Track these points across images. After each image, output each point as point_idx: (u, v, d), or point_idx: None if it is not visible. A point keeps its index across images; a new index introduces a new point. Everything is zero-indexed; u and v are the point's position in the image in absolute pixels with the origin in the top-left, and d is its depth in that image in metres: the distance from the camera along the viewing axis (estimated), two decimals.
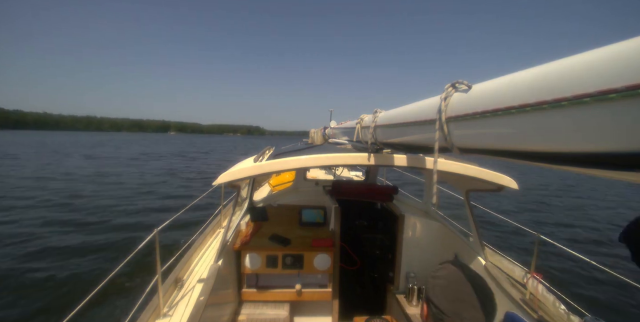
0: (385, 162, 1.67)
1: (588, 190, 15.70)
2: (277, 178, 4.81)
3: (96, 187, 12.04)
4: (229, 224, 2.21)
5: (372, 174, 4.15)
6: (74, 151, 31.03)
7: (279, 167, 1.81)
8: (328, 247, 2.38)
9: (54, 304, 4.30)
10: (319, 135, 4.24)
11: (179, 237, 4.99)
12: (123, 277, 4.40)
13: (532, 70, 0.55)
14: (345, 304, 2.61)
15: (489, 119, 0.63)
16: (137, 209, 9.06)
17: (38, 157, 23.79)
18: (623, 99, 0.37)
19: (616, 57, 0.39)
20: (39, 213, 8.39)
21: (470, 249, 2.25)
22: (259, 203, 3.22)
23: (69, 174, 15.13)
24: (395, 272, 2.58)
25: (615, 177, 0.50)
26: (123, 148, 39.61)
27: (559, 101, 0.45)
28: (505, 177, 1.76)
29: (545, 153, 0.54)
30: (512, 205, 11.05)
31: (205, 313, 1.56)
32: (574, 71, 0.45)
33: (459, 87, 0.79)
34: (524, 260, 2.22)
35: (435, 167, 0.88)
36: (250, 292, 2.37)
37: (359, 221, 3.14)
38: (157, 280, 1.63)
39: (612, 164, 0.44)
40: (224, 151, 42.58)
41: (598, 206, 12.04)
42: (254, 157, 2.07)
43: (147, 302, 1.64)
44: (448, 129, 0.80)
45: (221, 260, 2.01)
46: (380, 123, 1.44)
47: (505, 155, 0.67)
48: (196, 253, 2.34)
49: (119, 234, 6.86)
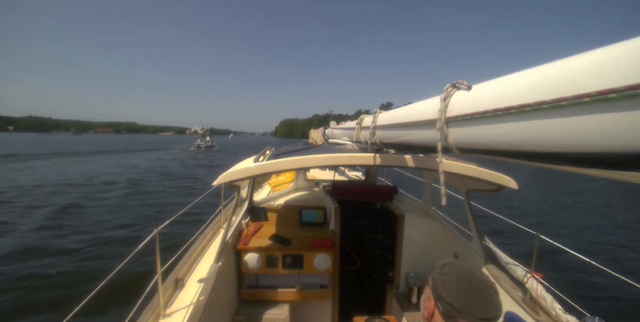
0: (385, 163, 1.67)
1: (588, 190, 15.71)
2: (277, 178, 4.80)
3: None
4: (229, 224, 2.21)
5: (372, 174, 4.14)
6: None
7: (279, 167, 1.80)
8: (328, 247, 2.38)
9: (54, 304, 4.30)
10: (319, 135, 4.23)
11: (179, 238, 4.99)
12: (123, 277, 4.40)
13: (532, 71, 0.55)
14: (345, 304, 2.61)
15: (489, 119, 0.63)
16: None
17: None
18: (623, 99, 0.37)
19: (616, 57, 0.39)
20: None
21: (470, 249, 2.25)
22: (259, 203, 3.21)
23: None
24: (395, 272, 2.58)
25: (615, 177, 0.50)
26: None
27: (559, 101, 0.45)
28: (505, 177, 1.76)
29: (545, 153, 0.54)
30: (513, 205, 11.05)
31: (205, 313, 1.56)
32: (574, 71, 0.45)
33: (459, 87, 0.79)
34: (524, 260, 2.21)
35: (440, 168, 0.88)
36: (250, 292, 2.37)
37: (359, 221, 3.14)
38: (157, 280, 1.62)
39: (612, 164, 0.44)
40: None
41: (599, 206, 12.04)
42: (254, 157, 2.07)
43: (147, 302, 1.63)
44: (448, 129, 0.79)
45: (221, 260, 2.01)
46: (380, 123, 1.44)
47: (505, 155, 0.67)
48: (196, 253, 2.34)
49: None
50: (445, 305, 0.79)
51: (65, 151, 36.40)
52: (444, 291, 0.81)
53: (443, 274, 0.84)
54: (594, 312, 1.61)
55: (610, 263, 5.31)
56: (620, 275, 1.70)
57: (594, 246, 7.33)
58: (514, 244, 6.53)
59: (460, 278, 0.81)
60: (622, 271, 1.75)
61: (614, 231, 8.92)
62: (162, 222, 1.78)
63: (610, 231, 8.77)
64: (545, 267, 5.44)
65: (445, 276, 0.83)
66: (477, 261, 2.14)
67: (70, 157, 27.78)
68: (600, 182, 17.06)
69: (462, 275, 0.82)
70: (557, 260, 5.62)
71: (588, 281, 5.35)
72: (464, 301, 0.77)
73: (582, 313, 1.64)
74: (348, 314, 2.05)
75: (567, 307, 1.71)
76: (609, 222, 9.68)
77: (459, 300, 0.77)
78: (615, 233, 8.70)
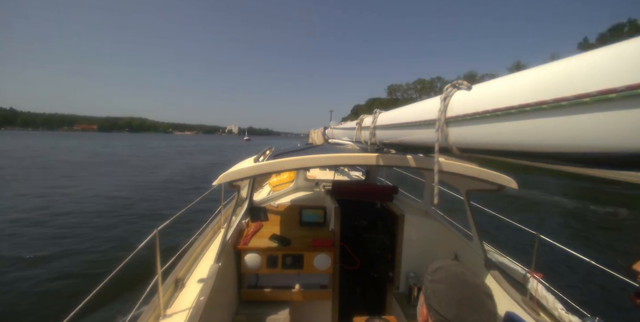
0: (385, 162, 1.67)
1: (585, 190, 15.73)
2: (277, 178, 4.81)
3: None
4: (229, 224, 2.21)
5: (372, 174, 4.15)
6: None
7: (279, 167, 1.80)
8: (328, 247, 2.38)
9: (54, 305, 4.30)
10: (319, 135, 4.24)
11: (179, 237, 4.98)
12: (123, 277, 4.40)
13: (532, 71, 0.55)
14: (345, 304, 2.61)
15: (489, 119, 0.63)
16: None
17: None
18: (623, 99, 0.37)
19: (616, 57, 0.39)
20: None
21: (470, 249, 2.25)
22: (259, 203, 3.22)
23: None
24: (395, 272, 2.58)
25: (616, 177, 0.50)
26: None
27: (559, 101, 0.45)
28: (505, 177, 1.75)
29: (545, 153, 0.54)
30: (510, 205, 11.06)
31: (205, 313, 1.56)
32: (574, 71, 0.45)
33: (459, 87, 0.79)
34: (524, 260, 2.21)
35: (436, 168, 0.88)
36: (250, 292, 2.37)
37: (359, 221, 3.14)
38: (157, 280, 1.63)
39: (612, 164, 0.44)
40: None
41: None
42: (254, 157, 2.07)
43: (147, 302, 1.63)
44: (448, 129, 0.80)
45: (221, 260, 2.01)
46: (380, 123, 1.44)
47: (505, 155, 0.67)
48: (196, 253, 2.34)
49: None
50: (436, 314, 0.78)
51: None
52: (434, 300, 0.80)
53: (434, 281, 0.83)
54: (594, 312, 1.61)
55: (611, 263, 5.31)
56: (620, 275, 1.70)
57: (594, 246, 7.35)
58: (514, 244, 6.53)
59: (450, 286, 0.80)
60: (622, 271, 1.75)
61: (614, 231, 8.94)
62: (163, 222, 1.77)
63: (610, 232, 8.78)
64: (545, 267, 5.43)
65: (436, 283, 0.82)
66: (477, 261, 2.14)
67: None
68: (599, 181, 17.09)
69: (452, 283, 0.80)
70: (557, 260, 5.62)
71: (588, 281, 5.35)
72: (455, 311, 0.76)
73: (583, 313, 1.64)
74: (348, 314, 2.05)
75: (567, 307, 1.71)
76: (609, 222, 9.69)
77: (449, 310, 0.76)
78: (615, 233, 8.72)
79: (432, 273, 0.85)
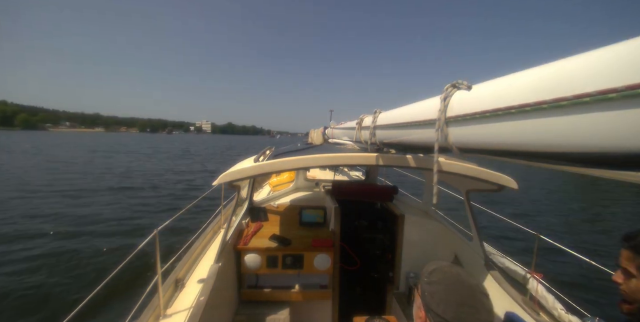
0: (385, 162, 1.67)
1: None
2: (277, 178, 4.81)
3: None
4: (229, 224, 2.21)
5: (372, 174, 4.15)
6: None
7: (279, 167, 1.80)
8: (328, 247, 2.38)
9: (54, 305, 4.30)
10: (319, 135, 4.24)
11: (179, 238, 4.98)
12: (123, 277, 4.40)
13: (532, 71, 0.55)
14: (345, 304, 2.61)
15: (489, 119, 0.63)
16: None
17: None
18: (623, 99, 0.37)
19: (616, 57, 0.39)
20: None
21: (470, 249, 2.25)
22: (259, 203, 3.22)
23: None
24: (395, 272, 2.58)
25: (616, 177, 0.50)
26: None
27: (559, 101, 0.45)
28: (505, 177, 1.75)
29: (545, 153, 0.54)
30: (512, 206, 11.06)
31: (205, 313, 1.56)
32: (574, 71, 0.45)
33: (459, 87, 0.79)
34: (524, 260, 2.22)
35: (435, 168, 0.88)
36: (250, 292, 2.37)
37: (359, 221, 3.14)
38: (157, 280, 1.63)
39: (612, 164, 0.44)
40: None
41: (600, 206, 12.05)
42: (254, 157, 2.07)
43: (147, 303, 1.64)
44: (448, 129, 0.79)
45: (221, 260, 2.01)
46: (380, 123, 1.44)
47: (505, 155, 0.67)
48: (196, 253, 2.34)
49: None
50: (436, 316, 0.77)
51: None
52: (432, 302, 0.79)
53: (431, 283, 0.83)
54: (594, 312, 1.61)
55: (611, 263, 5.31)
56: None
57: (594, 246, 7.34)
58: (514, 244, 6.53)
59: (447, 287, 0.80)
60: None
61: (613, 231, 8.94)
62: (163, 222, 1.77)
63: (609, 231, 8.78)
64: (545, 267, 5.43)
65: (433, 285, 0.82)
66: (477, 261, 2.14)
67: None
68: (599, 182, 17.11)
69: (449, 284, 0.80)
70: (557, 260, 5.62)
71: (588, 281, 5.34)
72: (454, 312, 0.76)
73: (583, 313, 1.64)
74: (348, 314, 2.05)
75: (568, 307, 1.71)
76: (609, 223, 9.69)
77: (448, 311, 0.76)
78: (614, 233, 8.72)
79: (428, 275, 0.85)
